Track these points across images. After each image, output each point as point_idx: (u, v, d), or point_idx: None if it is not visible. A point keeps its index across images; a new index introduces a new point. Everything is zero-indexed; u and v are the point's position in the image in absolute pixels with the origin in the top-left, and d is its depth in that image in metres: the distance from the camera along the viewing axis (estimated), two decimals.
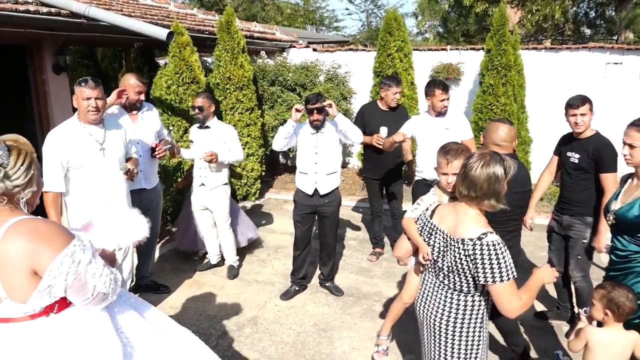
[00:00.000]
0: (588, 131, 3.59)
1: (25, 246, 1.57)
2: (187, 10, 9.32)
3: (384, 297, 4.51)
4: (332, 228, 4.48)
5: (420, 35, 22.01)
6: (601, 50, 7.83)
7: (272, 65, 8.47)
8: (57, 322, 1.70)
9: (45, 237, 1.60)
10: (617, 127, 6.59)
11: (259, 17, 18.39)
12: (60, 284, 1.61)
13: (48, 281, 1.60)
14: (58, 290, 1.63)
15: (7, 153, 1.66)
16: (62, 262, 1.60)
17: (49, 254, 1.59)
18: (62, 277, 1.60)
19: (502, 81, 7.23)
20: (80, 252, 1.65)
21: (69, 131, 3.34)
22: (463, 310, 2.17)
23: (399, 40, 7.70)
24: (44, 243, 1.59)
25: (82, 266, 1.64)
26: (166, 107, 6.14)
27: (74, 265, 1.62)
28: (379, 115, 5.00)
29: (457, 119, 4.58)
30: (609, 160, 3.44)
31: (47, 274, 1.59)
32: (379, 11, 27.16)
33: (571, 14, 14.22)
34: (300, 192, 4.40)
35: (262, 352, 3.69)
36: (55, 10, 4.82)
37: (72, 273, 1.62)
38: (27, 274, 1.59)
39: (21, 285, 1.60)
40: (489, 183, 2.04)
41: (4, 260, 1.57)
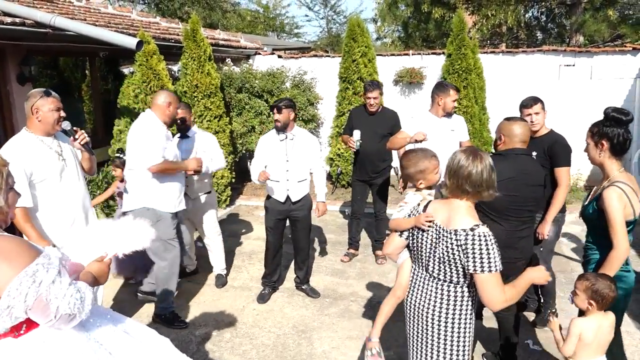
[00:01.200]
0: (543, 129, 3.82)
1: None
2: (150, 18, 9.25)
3: (360, 297, 4.62)
4: (304, 232, 4.56)
5: (379, 40, 22.38)
6: (555, 53, 8.21)
7: (238, 72, 8.51)
8: (25, 343, 1.64)
9: (6, 254, 1.54)
10: (571, 125, 6.95)
11: (220, 24, 18.34)
12: (19, 305, 1.54)
13: (7, 302, 1.52)
14: (18, 311, 1.55)
15: None
16: (22, 282, 1.52)
17: (8, 273, 1.52)
18: (22, 298, 1.53)
19: (463, 84, 7.50)
20: (43, 272, 1.57)
21: (26, 144, 3.17)
22: (454, 300, 2.29)
23: (362, 46, 7.89)
24: (5, 261, 1.53)
25: (43, 286, 1.56)
26: (134, 116, 6.08)
27: (35, 286, 1.54)
28: (364, 118, 5.14)
29: (460, 121, 4.65)
30: (561, 155, 3.67)
31: (6, 294, 1.52)
32: (339, 17, 27.52)
33: (524, 19, 14.78)
34: (271, 199, 4.44)
35: (243, 355, 3.73)
36: (19, 20, 4.73)
37: (32, 294, 1.53)
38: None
39: None
40: (489, 174, 2.22)
41: None
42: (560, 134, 3.79)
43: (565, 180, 3.67)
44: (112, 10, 8.64)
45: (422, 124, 4.43)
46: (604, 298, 2.47)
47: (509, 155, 3.10)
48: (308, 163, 4.44)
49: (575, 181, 7.98)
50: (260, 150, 4.42)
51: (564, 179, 3.67)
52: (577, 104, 7.92)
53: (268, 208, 4.48)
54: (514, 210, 3.01)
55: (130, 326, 2.04)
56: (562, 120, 7.53)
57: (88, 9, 7.63)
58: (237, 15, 22.05)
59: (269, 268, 4.60)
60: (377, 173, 5.23)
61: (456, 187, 2.25)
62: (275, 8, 26.62)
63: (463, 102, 7.46)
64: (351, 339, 3.93)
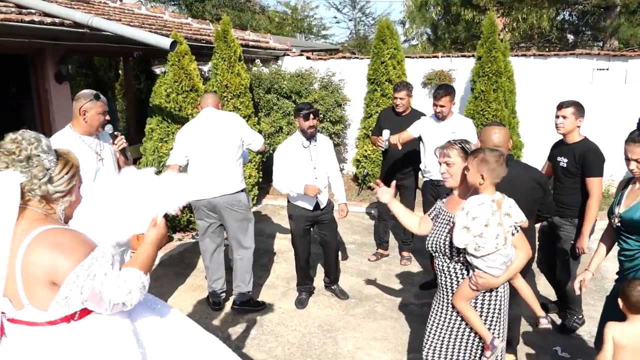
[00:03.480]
0: (576, 136, 3.72)
1: (45, 257, 1.61)
2: (181, 19, 9.41)
3: (385, 299, 4.62)
4: (333, 233, 4.55)
5: (407, 42, 22.29)
6: (588, 56, 8.05)
7: (267, 73, 8.59)
8: (77, 330, 1.73)
9: (65, 248, 1.64)
10: (604, 130, 6.82)
11: (249, 26, 18.52)
12: (76, 297, 1.64)
13: (65, 293, 1.63)
14: (75, 302, 1.66)
15: (55, 160, 1.75)
16: (78, 276, 1.62)
17: (67, 266, 1.61)
18: (78, 291, 1.63)
19: (493, 87, 7.42)
20: (97, 265, 1.66)
21: (68, 141, 3.28)
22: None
23: (391, 47, 7.87)
24: (63, 255, 1.62)
25: (97, 279, 1.65)
26: (166, 115, 6.22)
27: (89, 279, 1.63)
28: (393, 120, 5.16)
29: (464, 123, 4.69)
30: (594, 165, 3.57)
31: (64, 287, 1.62)
32: (367, 19, 27.49)
33: (556, 22, 14.52)
34: (298, 208, 4.33)
35: (269, 352, 3.78)
36: (58, 21, 4.89)
37: (87, 287, 1.64)
38: (46, 285, 1.63)
39: (41, 294, 1.64)
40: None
41: (26, 269, 1.62)
42: (594, 143, 3.68)
43: (597, 191, 3.58)
44: (145, 11, 8.83)
45: (422, 126, 4.72)
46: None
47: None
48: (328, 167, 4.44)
49: (607, 187, 7.81)
50: (283, 160, 4.28)
51: (596, 190, 3.57)
52: (611, 109, 7.75)
53: (294, 216, 4.38)
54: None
55: (175, 319, 2.08)
56: (595, 126, 7.37)
57: (122, 10, 7.82)
58: (265, 17, 22.23)
59: (302, 274, 4.57)
60: (405, 174, 5.23)
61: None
62: (303, 10, 26.75)
63: (492, 105, 7.38)
64: (376, 339, 3.94)
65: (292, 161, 4.25)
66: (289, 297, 4.65)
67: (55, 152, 1.77)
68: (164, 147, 6.08)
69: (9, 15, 4.53)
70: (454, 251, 2.53)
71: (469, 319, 2.57)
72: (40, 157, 1.69)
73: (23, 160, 1.67)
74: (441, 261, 2.64)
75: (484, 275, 2.45)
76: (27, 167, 1.67)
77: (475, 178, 2.45)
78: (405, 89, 5.08)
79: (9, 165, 1.67)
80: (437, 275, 2.71)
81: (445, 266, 2.62)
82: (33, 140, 1.69)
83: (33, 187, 1.69)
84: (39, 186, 1.69)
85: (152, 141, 6.24)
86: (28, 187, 1.69)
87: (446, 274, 2.62)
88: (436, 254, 2.65)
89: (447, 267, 2.61)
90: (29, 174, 1.67)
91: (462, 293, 2.55)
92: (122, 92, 7.40)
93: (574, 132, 3.71)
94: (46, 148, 1.72)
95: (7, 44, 4.76)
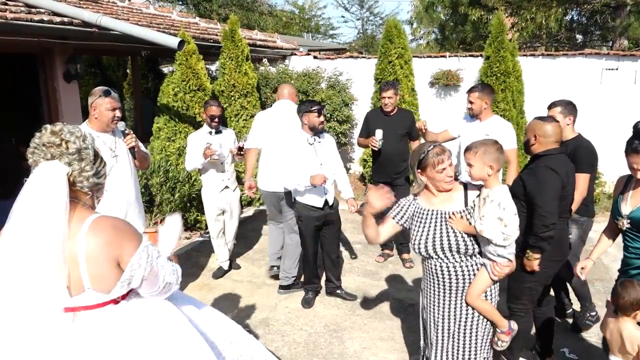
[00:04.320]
0: (569, 133, 3.72)
1: (112, 240, 1.70)
2: (189, 19, 9.44)
3: (392, 299, 4.61)
4: (337, 234, 4.53)
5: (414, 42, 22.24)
6: (597, 56, 8.00)
7: (274, 72, 8.60)
8: (124, 309, 1.81)
9: (126, 233, 1.75)
10: (614, 130, 6.77)
11: (257, 25, 18.55)
12: (138, 276, 1.76)
13: (129, 273, 1.73)
14: (136, 281, 1.77)
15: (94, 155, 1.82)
16: (141, 257, 1.75)
17: (131, 248, 1.73)
18: (141, 270, 1.76)
19: (501, 87, 7.39)
20: (152, 248, 1.82)
21: None
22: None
23: (399, 47, 7.86)
24: (127, 238, 1.74)
25: (153, 260, 1.81)
26: (173, 114, 6.25)
27: (150, 259, 1.78)
28: (381, 120, 5.10)
29: (500, 126, 4.43)
30: (583, 161, 3.54)
31: (129, 266, 1.73)
32: (375, 19, 27.48)
33: (565, 21, 14.44)
34: (307, 207, 4.28)
35: (275, 351, 3.77)
36: (67, 20, 4.92)
37: (148, 266, 1.77)
38: (113, 266, 1.71)
39: (107, 276, 1.72)
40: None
41: (91, 253, 1.67)
42: (587, 140, 3.68)
43: (581, 186, 3.52)
44: (154, 10, 8.86)
45: (457, 126, 4.65)
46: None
47: (550, 157, 3.01)
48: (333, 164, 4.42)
49: None
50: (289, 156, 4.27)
51: (581, 185, 3.51)
52: (620, 109, 7.69)
53: (303, 218, 4.31)
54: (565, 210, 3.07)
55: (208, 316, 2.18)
56: (604, 126, 7.34)
57: (131, 9, 7.85)
58: (273, 16, 22.27)
59: (311, 274, 4.55)
60: (398, 174, 5.19)
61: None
62: (311, 9, 26.77)
63: (500, 105, 7.36)
64: (382, 339, 3.93)
65: (297, 158, 4.19)
66: (295, 297, 4.65)
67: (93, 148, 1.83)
68: (171, 146, 6.12)
69: (19, 14, 4.57)
70: (468, 247, 2.51)
71: (486, 311, 2.57)
72: (88, 151, 1.76)
73: (74, 153, 1.71)
74: (441, 262, 2.58)
75: (507, 262, 2.48)
76: (77, 159, 1.72)
77: (483, 170, 2.50)
78: (392, 88, 5.05)
79: (55, 157, 1.69)
80: (431, 279, 2.67)
81: (450, 266, 2.57)
82: (80, 134, 1.75)
83: (82, 179, 1.75)
84: (87, 178, 1.76)
85: (159, 140, 6.27)
86: (78, 179, 1.74)
87: (452, 274, 2.58)
88: (435, 256, 2.58)
89: (454, 267, 2.57)
90: (78, 166, 1.73)
91: (479, 288, 2.54)
92: (130, 91, 7.44)
93: (565, 130, 3.68)
94: (91, 142, 1.80)
95: (16, 43, 4.80)
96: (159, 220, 5.75)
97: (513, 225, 2.45)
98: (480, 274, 2.56)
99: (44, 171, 1.67)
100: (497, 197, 2.45)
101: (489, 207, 2.43)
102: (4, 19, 4.30)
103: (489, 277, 2.52)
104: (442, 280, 2.62)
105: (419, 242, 2.60)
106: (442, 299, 2.65)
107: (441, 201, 2.62)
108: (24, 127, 3.77)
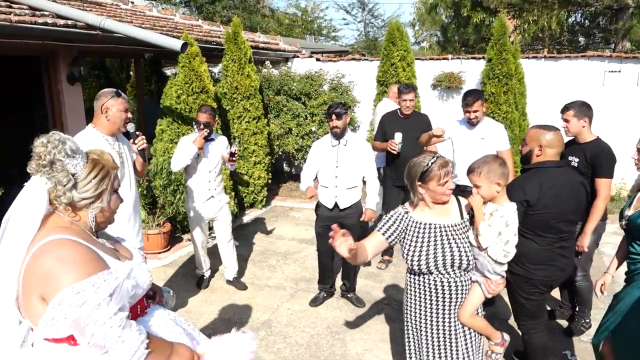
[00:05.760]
0: (587, 136, 3.70)
1: (42, 269, 1.49)
2: (192, 21, 9.47)
3: (394, 301, 4.61)
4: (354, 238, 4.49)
5: (416, 45, 22.28)
6: (600, 58, 8.00)
7: (277, 74, 8.63)
8: (80, 353, 1.57)
9: (64, 264, 1.49)
10: (616, 132, 6.75)
11: (259, 28, 18.58)
12: (61, 321, 1.47)
13: (51, 314, 1.47)
14: (62, 326, 1.48)
15: (83, 164, 1.64)
16: (64, 298, 1.46)
17: (57, 284, 1.47)
18: (62, 315, 1.46)
19: (503, 89, 7.40)
20: (91, 292, 1.48)
21: (92, 141, 3.27)
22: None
23: (401, 49, 7.87)
24: (59, 271, 1.48)
25: (85, 308, 1.46)
26: (176, 116, 6.26)
27: (76, 306, 1.45)
28: (399, 123, 5.08)
29: (494, 129, 4.49)
30: (605, 165, 3.55)
31: (50, 306, 1.47)
32: (376, 21, 27.52)
33: (566, 24, 14.44)
34: (321, 205, 4.40)
35: (277, 353, 3.78)
36: (71, 23, 4.94)
37: (72, 314, 1.46)
38: (37, 299, 1.51)
39: (32, 308, 1.53)
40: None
41: (26, 279, 1.52)
42: (606, 143, 3.65)
43: (604, 192, 3.55)
44: (157, 13, 8.89)
45: (453, 130, 4.59)
46: None
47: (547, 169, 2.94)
48: (360, 170, 4.31)
49: (619, 190, 7.76)
50: (312, 156, 4.38)
51: (604, 190, 3.55)
52: (622, 112, 7.69)
53: (318, 214, 4.43)
54: (552, 226, 2.90)
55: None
56: (607, 128, 7.31)
57: (134, 12, 7.88)
58: (275, 19, 22.30)
59: (321, 273, 4.58)
60: None
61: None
62: (313, 11, 26.81)
63: (503, 107, 7.36)
64: (384, 342, 3.94)
65: (319, 158, 4.33)
66: (298, 299, 4.66)
67: (87, 155, 1.67)
68: (174, 148, 6.10)
69: (23, 17, 4.59)
70: (470, 262, 2.45)
71: (479, 326, 2.52)
72: (62, 162, 1.58)
73: (47, 165, 1.57)
74: (441, 277, 2.46)
75: (501, 280, 2.47)
76: (50, 172, 1.58)
77: (492, 189, 2.47)
78: (413, 91, 5.05)
79: (37, 170, 1.59)
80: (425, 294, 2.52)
81: (451, 281, 2.46)
82: (57, 143, 1.58)
83: (58, 194, 1.60)
84: (64, 192, 1.60)
85: (162, 142, 6.28)
86: (54, 194, 1.60)
87: (452, 288, 2.47)
88: (435, 272, 2.45)
89: (455, 281, 2.47)
90: (52, 179, 1.58)
91: (473, 306, 2.49)
92: (134, 94, 7.46)
93: (583, 132, 3.69)
94: (70, 152, 1.60)
95: (20, 46, 4.82)
96: (162, 222, 5.77)
97: (513, 243, 2.44)
98: (473, 292, 2.50)
99: (27, 186, 1.59)
100: (507, 214, 2.43)
101: (497, 222, 2.42)
102: (9, 22, 4.32)
103: (483, 294, 2.49)
104: (440, 295, 2.48)
105: (417, 258, 2.44)
106: (438, 314, 2.51)
107: (437, 214, 2.49)
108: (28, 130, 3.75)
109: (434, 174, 2.39)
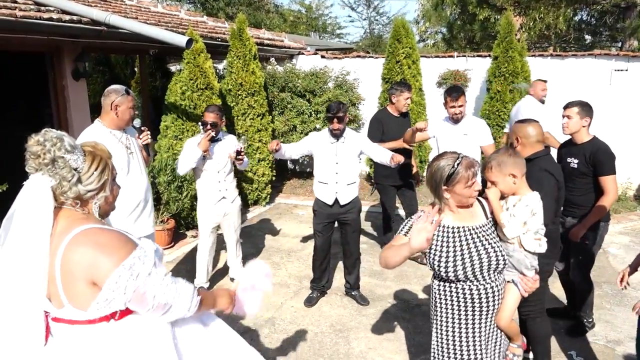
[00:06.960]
0: (585, 136, 3.68)
1: (86, 257, 1.57)
2: (197, 17, 9.45)
3: (398, 299, 4.60)
4: (354, 235, 4.48)
5: (421, 42, 22.20)
6: (607, 57, 7.94)
7: (281, 71, 8.61)
8: (117, 329, 1.69)
9: (106, 248, 1.59)
10: (623, 131, 6.72)
11: (264, 24, 18.56)
12: (119, 298, 1.60)
13: (106, 295, 1.59)
14: (117, 303, 1.62)
15: (82, 158, 1.68)
16: (120, 276, 1.57)
17: (108, 266, 1.57)
18: (121, 291, 1.59)
19: (509, 88, 7.35)
20: (140, 264, 1.62)
21: (99, 136, 3.34)
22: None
23: (407, 47, 7.84)
24: (104, 254, 1.58)
25: (140, 279, 1.61)
26: (181, 112, 6.25)
27: (132, 279, 1.59)
28: (394, 121, 5.10)
29: (476, 124, 4.61)
30: (605, 163, 3.54)
31: (106, 287, 1.58)
32: (381, 18, 27.45)
33: (573, 22, 14.35)
34: (320, 202, 4.36)
35: (281, 351, 3.78)
36: (76, 18, 4.94)
37: (130, 287, 1.59)
38: (86, 285, 1.59)
39: (81, 294, 1.60)
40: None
41: (66, 269, 1.58)
42: (603, 142, 3.64)
43: (613, 189, 3.54)
44: (162, 9, 8.87)
45: (436, 127, 4.68)
46: None
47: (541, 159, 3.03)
48: (357, 166, 4.36)
49: (625, 190, 7.70)
50: (307, 144, 4.32)
51: (612, 187, 3.53)
52: (629, 110, 7.64)
53: (317, 211, 4.39)
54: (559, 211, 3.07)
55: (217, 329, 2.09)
56: (614, 127, 7.28)
57: (139, 8, 7.86)
58: (279, 15, 22.27)
59: (317, 272, 4.55)
60: (407, 173, 5.24)
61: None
62: (318, 8, 26.75)
63: (508, 106, 7.32)
64: (388, 340, 3.92)
65: (317, 152, 4.29)
66: (301, 296, 4.65)
67: (82, 149, 1.70)
68: (179, 145, 6.12)
69: (28, 12, 4.58)
70: (505, 261, 2.33)
71: (514, 329, 2.43)
72: (65, 158, 1.62)
73: (48, 164, 1.61)
74: (477, 284, 2.29)
75: (536, 276, 2.44)
76: (53, 169, 1.62)
77: (508, 182, 2.42)
78: (411, 89, 5.10)
79: (37, 169, 1.62)
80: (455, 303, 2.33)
81: (487, 287, 2.29)
82: (56, 141, 1.61)
83: (64, 190, 1.64)
84: (70, 188, 1.65)
85: (166, 138, 6.28)
86: (59, 191, 1.64)
87: (489, 296, 2.30)
88: (472, 278, 2.27)
89: (490, 287, 2.30)
90: (56, 177, 1.62)
91: (511, 308, 2.39)
92: (138, 90, 7.46)
93: (581, 132, 3.67)
94: (69, 147, 1.64)
95: (26, 42, 4.83)
96: (166, 219, 5.77)
97: (542, 232, 2.39)
98: (510, 293, 2.40)
99: (29, 185, 1.61)
100: (531, 202, 2.38)
101: (522, 212, 2.37)
102: (14, 17, 4.32)
103: (519, 294, 2.40)
104: (476, 305, 2.30)
105: (446, 264, 2.26)
106: (475, 323, 2.34)
107: (463, 217, 2.33)
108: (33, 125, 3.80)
109: (461, 176, 2.19)
